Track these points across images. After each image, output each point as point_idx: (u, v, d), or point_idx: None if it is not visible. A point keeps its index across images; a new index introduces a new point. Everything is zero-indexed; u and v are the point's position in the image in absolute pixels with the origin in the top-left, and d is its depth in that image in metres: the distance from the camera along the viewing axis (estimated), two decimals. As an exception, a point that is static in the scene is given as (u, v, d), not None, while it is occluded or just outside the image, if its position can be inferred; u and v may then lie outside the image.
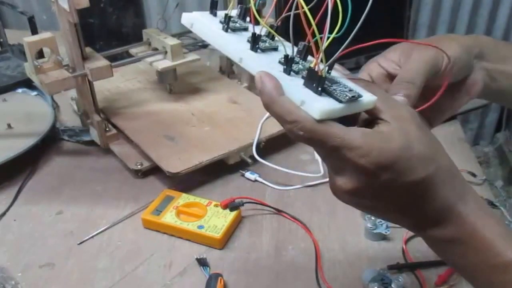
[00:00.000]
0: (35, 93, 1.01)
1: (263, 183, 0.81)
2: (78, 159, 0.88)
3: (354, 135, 0.37)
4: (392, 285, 0.61)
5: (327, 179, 0.80)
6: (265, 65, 0.41)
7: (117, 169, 0.85)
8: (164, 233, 0.71)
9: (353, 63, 1.13)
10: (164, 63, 0.90)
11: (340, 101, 0.38)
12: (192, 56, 0.92)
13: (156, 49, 0.93)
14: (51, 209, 0.76)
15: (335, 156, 0.38)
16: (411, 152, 0.38)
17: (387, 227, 0.69)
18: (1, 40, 1.16)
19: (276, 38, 0.44)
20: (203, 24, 0.46)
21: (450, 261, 0.43)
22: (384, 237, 0.70)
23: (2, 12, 1.75)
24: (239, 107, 0.94)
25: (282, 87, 0.38)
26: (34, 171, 0.85)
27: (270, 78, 0.39)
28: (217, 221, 0.70)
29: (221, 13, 0.46)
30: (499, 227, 0.40)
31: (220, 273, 0.63)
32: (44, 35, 0.78)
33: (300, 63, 0.41)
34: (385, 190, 0.38)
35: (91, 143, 0.89)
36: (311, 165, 0.85)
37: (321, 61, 0.38)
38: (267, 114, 0.89)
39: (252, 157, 0.82)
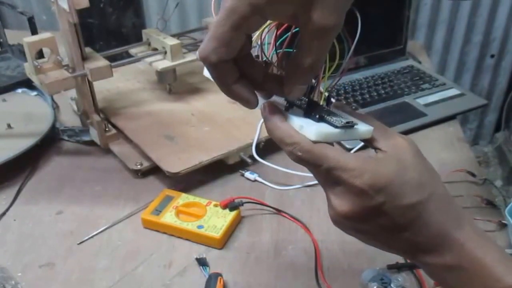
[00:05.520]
0: (35, 93, 1.01)
1: (263, 183, 0.81)
2: (78, 159, 0.88)
3: (350, 157, 0.39)
4: (392, 285, 0.61)
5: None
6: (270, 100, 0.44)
7: (117, 169, 0.85)
8: (164, 233, 0.71)
9: (353, 63, 1.13)
10: (163, 63, 0.90)
11: (336, 127, 0.41)
12: (191, 56, 0.92)
13: (155, 49, 0.93)
14: (51, 209, 0.77)
15: (330, 177, 0.40)
16: (405, 177, 0.39)
17: (386, 227, 0.69)
18: (1, 40, 1.16)
19: None
20: None
21: None
22: (383, 237, 0.70)
23: (2, 12, 1.75)
24: (238, 107, 0.93)
25: (283, 116, 0.42)
26: (34, 171, 0.85)
27: (274, 107, 0.42)
28: (216, 221, 0.70)
29: None
30: (497, 253, 0.40)
31: (220, 273, 0.63)
32: (44, 35, 0.78)
33: (303, 100, 0.44)
34: (380, 212, 0.39)
35: (91, 143, 0.89)
36: (310, 165, 0.85)
37: (320, 93, 0.42)
38: (267, 114, 0.89)
39: (251, 157, 0.83)
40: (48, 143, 0.90)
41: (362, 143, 0.86)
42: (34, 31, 1.04)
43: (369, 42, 1.14)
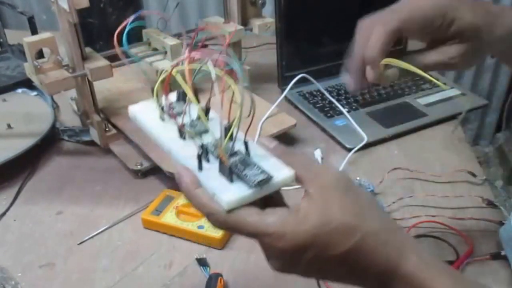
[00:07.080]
0: (35, 93, 1.01)
1: (263, 183, 0.80)
2: (78, 159, 0.88)
3: (268, 221, 0.38)
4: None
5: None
6: (188, 156, 0.42)
7: (117, 169, 0.85)
8: (164, 233, 0.71)
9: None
10: (164, 63, 0.90)
11: (250, 187, 0.39)
12: (192, 56, 0.92)
13: (156, 49, 0.92)
14: (51, 209, 0.77)
15: (256, 240, 0.39)
16: (330, 226, 0.38)
17: (387, 227, 0.69)
18: (1, 40, 1.16)
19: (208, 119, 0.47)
20: (142, 117, 0.49)
21: None
22: (384, 237, 0.70)
23: (2, 12, 1.75)
24: (238, 107, 0.93)
25: (197, 180, 0.41)
26: (34, 171, 0.85)
27: (187, 173, 0.41)
28: (217, 221, 0.70)
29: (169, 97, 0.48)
30: (448, 280, 0.39)
31: (220, 273, 0.63)
32: (44, 35, 0.78)
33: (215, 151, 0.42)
34: (314, 264, 0.39)
35: (91, 143, 0.89)
36: (311, 165, 0.85)
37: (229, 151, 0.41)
38: (267, 114, 0.89)
39: (252, 157, 0.82)
40: (48, 143, 0.90)
41: (363, 143, 0.87)
42: (34, 31, 1.04)
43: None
